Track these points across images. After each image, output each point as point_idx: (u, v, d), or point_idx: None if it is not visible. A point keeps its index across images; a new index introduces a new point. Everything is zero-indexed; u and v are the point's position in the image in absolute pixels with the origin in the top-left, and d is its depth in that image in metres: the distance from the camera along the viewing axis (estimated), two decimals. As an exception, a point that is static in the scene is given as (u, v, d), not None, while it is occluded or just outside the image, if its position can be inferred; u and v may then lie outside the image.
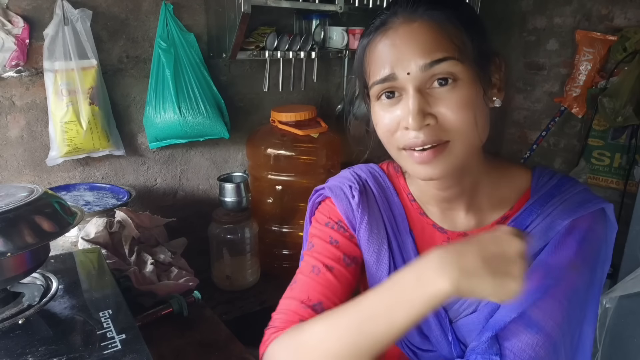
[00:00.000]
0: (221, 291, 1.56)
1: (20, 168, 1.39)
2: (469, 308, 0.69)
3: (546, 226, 0.65)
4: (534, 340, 0.58)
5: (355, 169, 0.81)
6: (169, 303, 1.09)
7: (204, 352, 0.99)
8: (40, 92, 1.36)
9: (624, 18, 2.10)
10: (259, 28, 1.68)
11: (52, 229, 0.70)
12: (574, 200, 0.66)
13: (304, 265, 0.73)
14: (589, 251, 0.64)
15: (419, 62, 0.58)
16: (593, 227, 0.65)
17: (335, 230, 0.75)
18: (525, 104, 2.57)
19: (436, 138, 0.59)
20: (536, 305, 0.60)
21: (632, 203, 1.67)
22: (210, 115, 1.54)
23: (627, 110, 1.98)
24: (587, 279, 0.64)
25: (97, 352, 0.65)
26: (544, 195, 0.68)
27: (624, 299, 1.67)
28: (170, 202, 1.69)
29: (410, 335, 0.73)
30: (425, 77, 0.58)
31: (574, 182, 0.70)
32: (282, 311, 0.69)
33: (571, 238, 0.64)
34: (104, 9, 1.42)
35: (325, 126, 1.65)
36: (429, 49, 0.58)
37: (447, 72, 0.58)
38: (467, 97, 0.59)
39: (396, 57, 0.59)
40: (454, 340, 0.69)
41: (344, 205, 0.75)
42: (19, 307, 0.74)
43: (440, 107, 0.58)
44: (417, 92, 0.58)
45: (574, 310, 0.62)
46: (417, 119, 0.58)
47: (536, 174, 0.72)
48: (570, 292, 0.62)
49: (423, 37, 0.58)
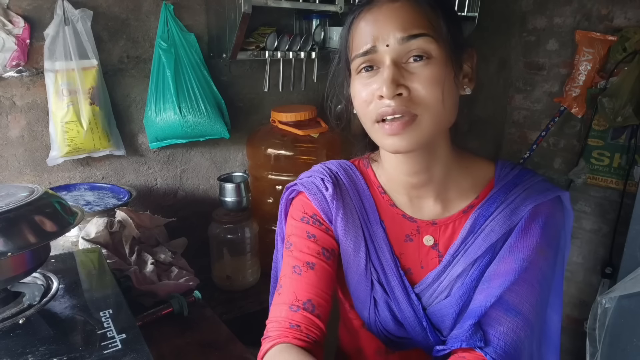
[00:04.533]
0: (221, 291, 1.56)
1: (21, 168, 1.39)
2: (442, 294, 0.72)
3: (510, 212, 0.70)
4: (514, 323, 0.63)
5: (326, 163, 0.83)
6: (169, 303, 1.09)
7: (204, 352, 1.00)
8: (40, 92, 1.36)
9: (624, 18, 2.10)
10: (259, 28, 1.68)
11: (52, 228, 0.70)
12: (535, 189, 0.71)
13: (285, 268, 0.74)
14: (551, 236, 0.69)
15: (397, 36, 0.62)
16: (553, 213, 0.70)
17: (311, 224, 0.76)
18: (525, 104, 2.57)
19: (406, 109, 0.62)
20: (511, 289, 0.65)
21: (631, 203, 1.67)
22: (210, 115, 1.54)
23: (627, 110, 1.99)
24: (551, 263, 0.70)
25: (97, 351, 0.65)
26: (507, 184, 0.73)
27: (624, 299, 1.67)
28: (171, 202, 1.69)
29: (385, 322, 0.74)
30: (402, 51, 0.63)
31: (533, 173, 0.75)
32: (274, 319, 0.70)
33: (535, 224, 0.69)
34: (104, 9, 1.42)
35: (325, 126, 1.65)
36: (408, 25, 0.62)
37: (422, 48, 0.62)
38: (438, 74, 0.63)
39: (378, 31, 0.64)
40: (428, 327, 0.72)
41: (318, 198, 0.77)
42: (19, 307, 0.74)
43: (413, 81, 0.62)
44: (393, 64, 0.63)
45: (544, 293, 0.68)
46: (391, 87, 0.61)
47: (499, 165, 0.76)
48: (540, 276, 0.67)
49: (403, 14, 0.63)
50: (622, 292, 1.64)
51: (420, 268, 0.75)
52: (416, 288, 0.73)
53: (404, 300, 0.72)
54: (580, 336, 2.08)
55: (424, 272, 0.74)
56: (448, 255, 0.72)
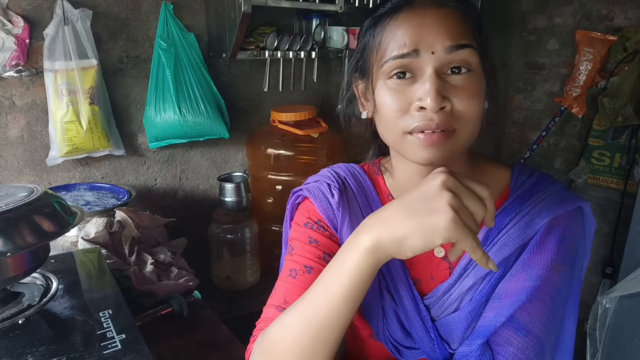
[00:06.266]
0: (221, 291, 1.56)
1: (21, 168, 1.39)
2: (451, 307, 0.70)
3: (525, 224, 0.66)
4: (524, 343, 0.60)
5: (334, 167, 0.81)
6: (169, 303, 1.09)
7: (204, 352, 0.99)
8: (40, 92, 1.36)
9: (624, 18, 2.10)
10: (259, 28, 1.68)
11: (52, 228, 0.70)
12: (552, 199, 0.67)
13: (283, 271, 0.74)
14: (568, 249, 0.66)
15: (445, 44, 0.59)
16: (571, 225, 0.66)
17: (314, 230, 0.75)
18: (525, 104, 2.57)
19: (448, 123, 0.60)
20: (523, 308, 0.62)
21: (632, 203, 1.67)
22: (210, 115, 1.54)
23: (627, 110, 1.98)
24: (567, 277, 0.66)
25: (97, 352, 0.65)
26: (523, 193, 0.69)
27: (624, 299, 1.67)
28: (170, 202, 1.69)
29: (394, 332, 0.73)
30: (446, 60, 0.59)
31: (552, 180, 0.71)
32: (262, 320, 0.70)
33: (551, 238, 0.65)
34: (104, 8, 1.42)
35: (325, 126, 1.65)
36: (456, 34, 0.59)
37: (466, 60, 0.60)
38: (478, 88, 0.61)
39: (422, 35, 0.60)
40: (436, 338, 0.70)
41: (323, 205, 0.75)
42: (19, 307, 0.74)
43: (455, 94, 0.59)
44: (436, 74, 0.59)
45: (557, 309, 0.64)
46: (437, 99, 0.58)
47: (515, 172, 0.73)
48: (554, 292, 0.63)
49: (451, 21, 0.60)
50: (622, 292, 1.64)
51: (430, 279, 0.73)
52: (426, 299, 0.72)
53: (412, 311, 0.71)
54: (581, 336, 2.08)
55: (434, 284, 0.72)
56: (459, 268, 0.70)
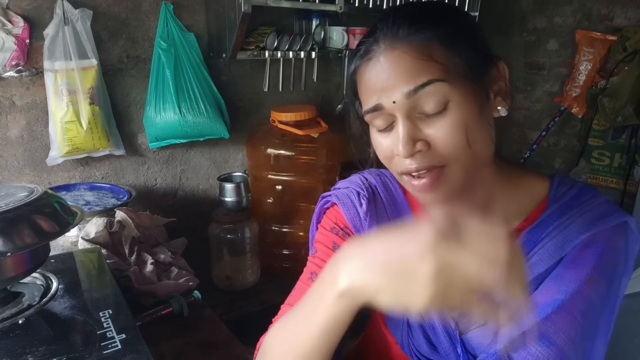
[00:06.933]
0: (221, 291, 1.56)
1: (21, 168, 1.39)
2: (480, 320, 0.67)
3: (562, 239, 0.62)
4: (544, 353, 0.56)
5: (365, 173, 0.79)
6: (169, 303, 1.09)
7: (204, 352, 0.99)
8: (40, 92, 1.36)
9: (624, 18, 2.10)
10: (259, 28, 1.68)
11: (52, 228, 0.70)
12: (594, 213, 0.63)
13: (305, 272, 0.74)
14: (606, 265, 0.62)
15: (403, 90, 0.56)
16: (612, 240, 0.62)
17: (340, 236, 0.74)
18: (525, 104, 2.57)
19: (429, 164, 0.58)
20: (548, 319, 0.58)
21: (632, 203, 1.67)
22: (210, 115, 1.54)
23: (627, 110, 1.99)
24: (603, 292, 0.62)
25: (97, 352, 0.65)
26: (562, 206, 0.65)
27: (624, 299, 1.66)
28: (170, 202, 1.69)
29: (419, 345, 0.72)
30: (412, 104, 0.56)
31: (595, 193, 0.66)
32: (277, 316, 0.70)
33: (589, 252, 0.61)
34: (104, 8, 1.42)
35: (325, 126, 1.65)
36: (412, 75, 0.56)
37: (434, 95, 0.55)
38: (458, 120, 0.56)
39: (381, 86, 0.58)
40: (463, 353, 0.68)
41: (351, 213, 0.74)
42: (19, 307, 0.74)
43: (431, 131, 0.57)
44: (406, 119, 0.57)
45: (588, 325, 0.60)
46: (407, 147, 0.57)
47: (555, 183, 0.68)
48: (586, 306, 0.60)
49: (405, 63, 0.56)
50: (622, 292, 1.64)
51: None
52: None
53: (439, 325, 0.69)
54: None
55: None
56: None
